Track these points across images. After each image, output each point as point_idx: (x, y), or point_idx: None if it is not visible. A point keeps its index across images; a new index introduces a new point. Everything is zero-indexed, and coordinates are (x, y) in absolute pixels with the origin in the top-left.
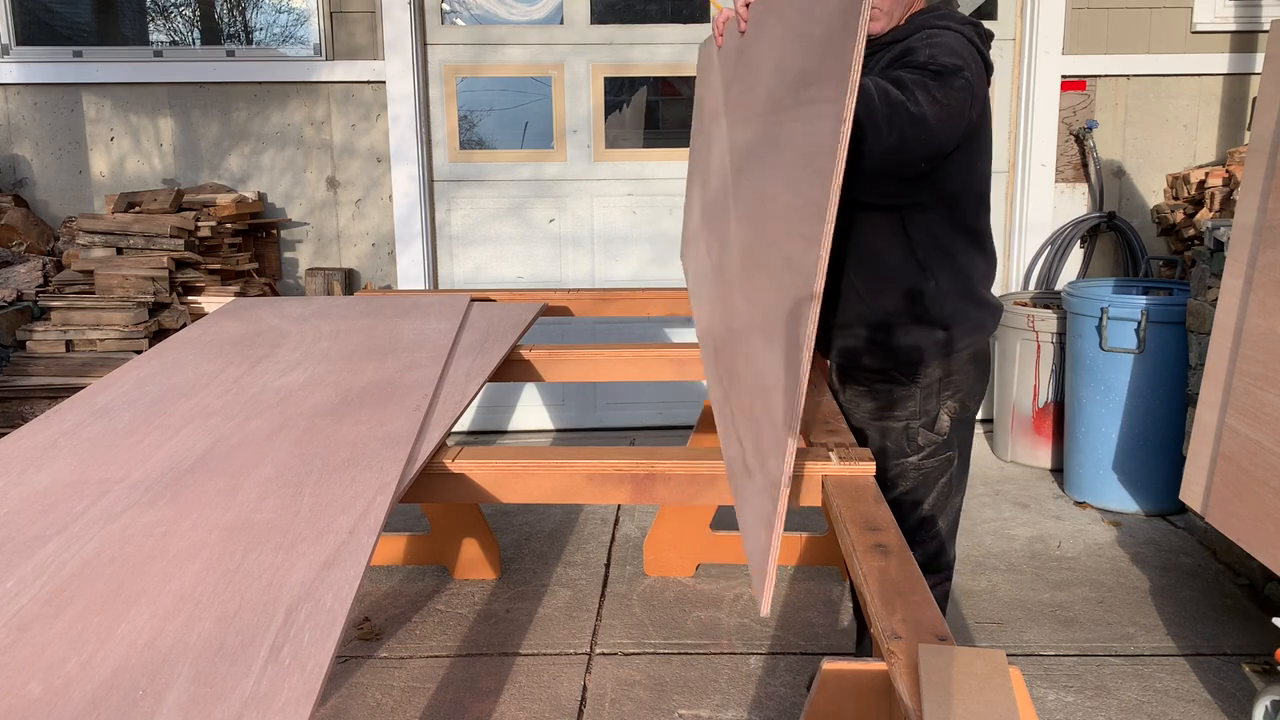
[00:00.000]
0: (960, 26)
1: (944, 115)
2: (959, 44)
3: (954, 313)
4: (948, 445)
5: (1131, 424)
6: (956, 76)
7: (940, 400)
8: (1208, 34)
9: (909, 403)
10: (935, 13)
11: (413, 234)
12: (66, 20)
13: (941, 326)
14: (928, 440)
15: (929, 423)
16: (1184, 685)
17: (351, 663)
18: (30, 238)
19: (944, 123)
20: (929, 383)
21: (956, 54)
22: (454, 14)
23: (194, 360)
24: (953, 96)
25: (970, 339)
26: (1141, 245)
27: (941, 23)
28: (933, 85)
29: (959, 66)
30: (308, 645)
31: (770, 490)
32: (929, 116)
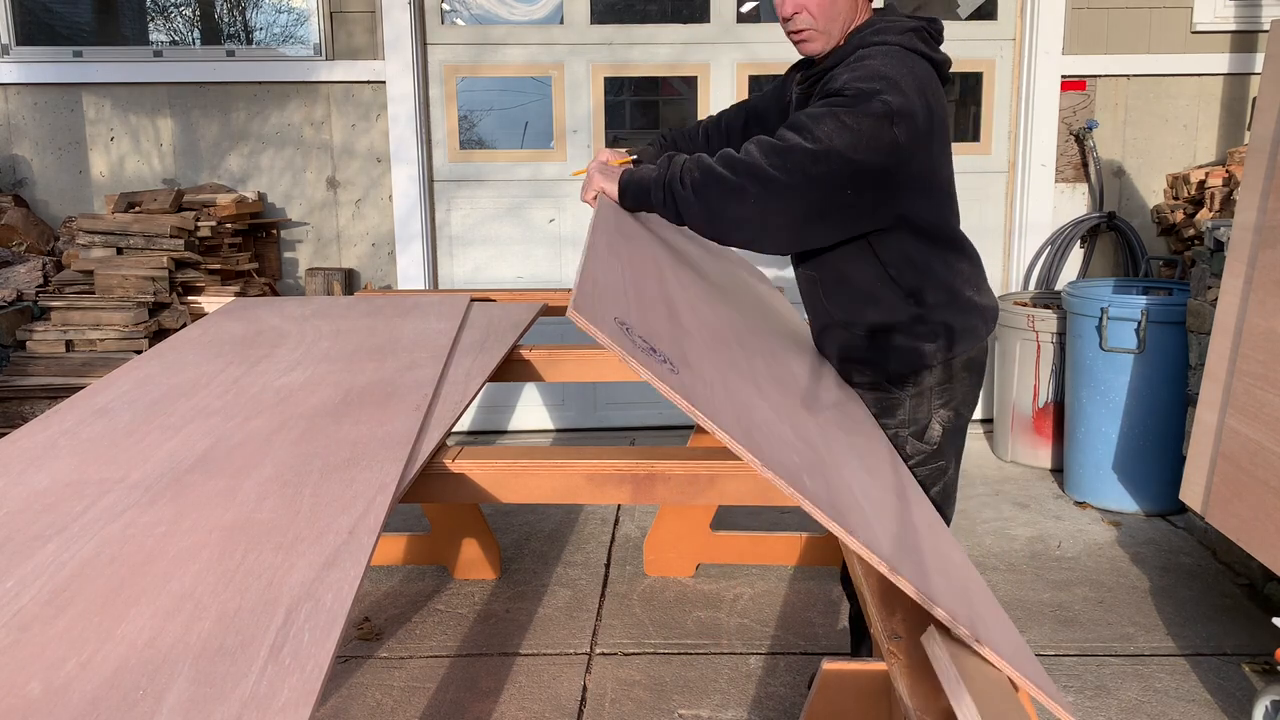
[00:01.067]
0: (898, 38)
1: (853, 140)
2: (886, 64)
3: (944, 325)
4: (939, 455)
5: (1131, 424)
6: (871, 100)
7: (932, 409)
8: (1208, 34)
9: (898, 410)
10: (872, 28)
11: (412, 234)
12: (66, 20)
13: (931, 339)
14: (916, 450)
15: (918, 431)
16: (1184, 685)
17: (351, 663)
18: (30, 238)
19: (855, 147)
20: (919, 391)
21: (876, 76)
22: (454, 14)
23: (194, 360)
24: (864, 120)
25: (964, 345)
26: (1141, 245)
27: (877, 39)
28: (842, 112)
29: (874, 90)
30: (308, 645)
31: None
32: (831, 149)
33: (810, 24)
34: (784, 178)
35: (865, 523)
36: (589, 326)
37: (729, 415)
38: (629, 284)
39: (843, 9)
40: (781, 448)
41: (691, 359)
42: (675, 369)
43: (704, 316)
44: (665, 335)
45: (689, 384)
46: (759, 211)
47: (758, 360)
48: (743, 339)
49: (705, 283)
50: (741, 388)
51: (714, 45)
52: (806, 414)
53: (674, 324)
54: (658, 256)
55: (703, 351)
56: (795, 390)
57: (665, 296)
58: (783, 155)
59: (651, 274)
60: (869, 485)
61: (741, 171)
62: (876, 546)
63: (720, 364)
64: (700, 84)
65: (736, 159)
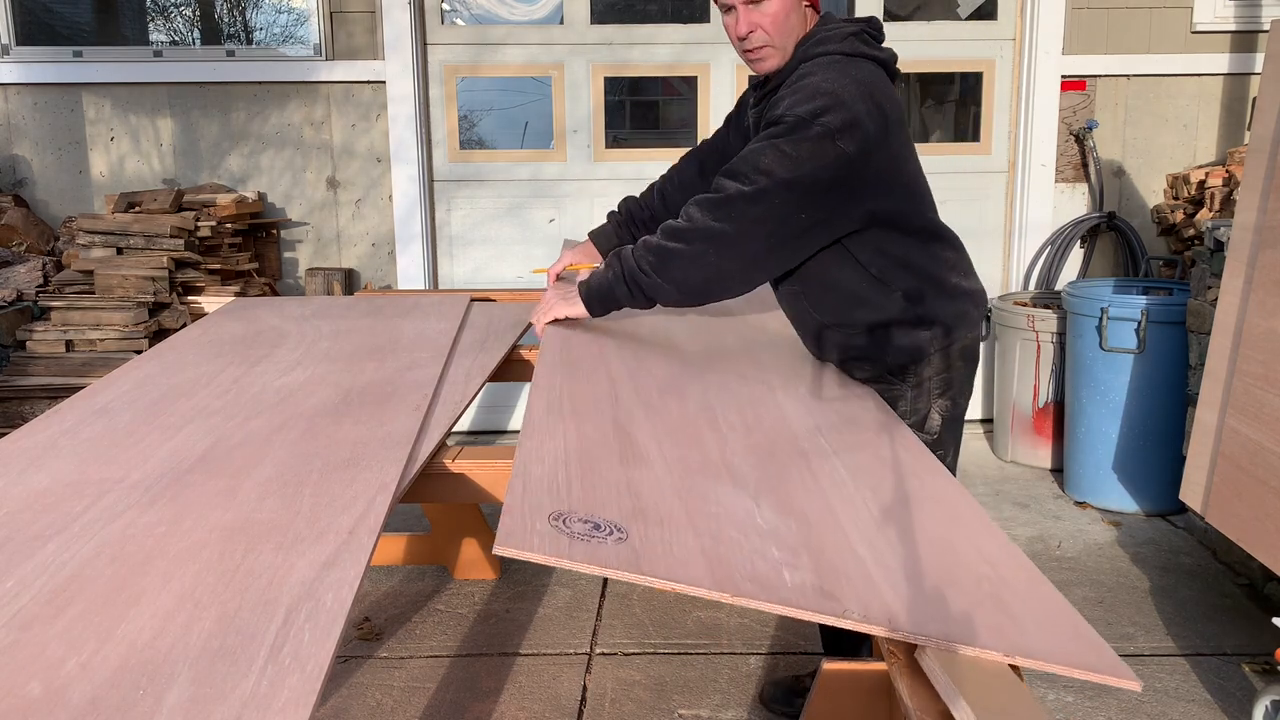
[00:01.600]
0: (839, 46)
1: (793, 165)
2: (826, 77)
3: (932, 313)
4: (939, 444)
5: (1131, 424)
6: (810, 126)
7: (931, 399)
8: (1208, 34)
9: (899, 403)
10: (814, 40)
11: (412, 234)
12: (66, 20)
13: (926, 328)
14: None
15: (919, 422)
16: (1184, 685)
17: (351, 663)
18: (30, 238)
19: (795, 171)
20: (919, 381)
21: (816, 94)
22: (454, 14)
23: (194, 360)
24: (802, 146)
25: (958, 332)
26: (1141, 245)
27: (819, 50)
28: (781, 141)
29: (814, 113)
30: (308, 645)
31: None
32: (768, 185)
33: (766, 41)
34: (730, 228)
35: (859, 592)
36: (519, 554)
37: (692, 563)
38: (572, 445)
39: (795, 23)
40: (756, 559)
41: (648, 498)
42: (624, 535)
43: (668, 415)
44: (616, 485)
45: (639, 550)
46: (722, 266)
47: (731, 412)
48: (712, 404)
49: (671, 361)
50: (709, 488)
51: (714, 45)
52: (788, 455)
53: (628, 460)
54: (612, 371)
55: (663, 472)
56: (776, 426)
57: (619, 425)
58: (722, 207)
59: (605, 399)
60: (861, 503)
61: (691, 238)
62: (874, 617)
63: (686, 470)
64: (700, 84)
65: (681, 228)
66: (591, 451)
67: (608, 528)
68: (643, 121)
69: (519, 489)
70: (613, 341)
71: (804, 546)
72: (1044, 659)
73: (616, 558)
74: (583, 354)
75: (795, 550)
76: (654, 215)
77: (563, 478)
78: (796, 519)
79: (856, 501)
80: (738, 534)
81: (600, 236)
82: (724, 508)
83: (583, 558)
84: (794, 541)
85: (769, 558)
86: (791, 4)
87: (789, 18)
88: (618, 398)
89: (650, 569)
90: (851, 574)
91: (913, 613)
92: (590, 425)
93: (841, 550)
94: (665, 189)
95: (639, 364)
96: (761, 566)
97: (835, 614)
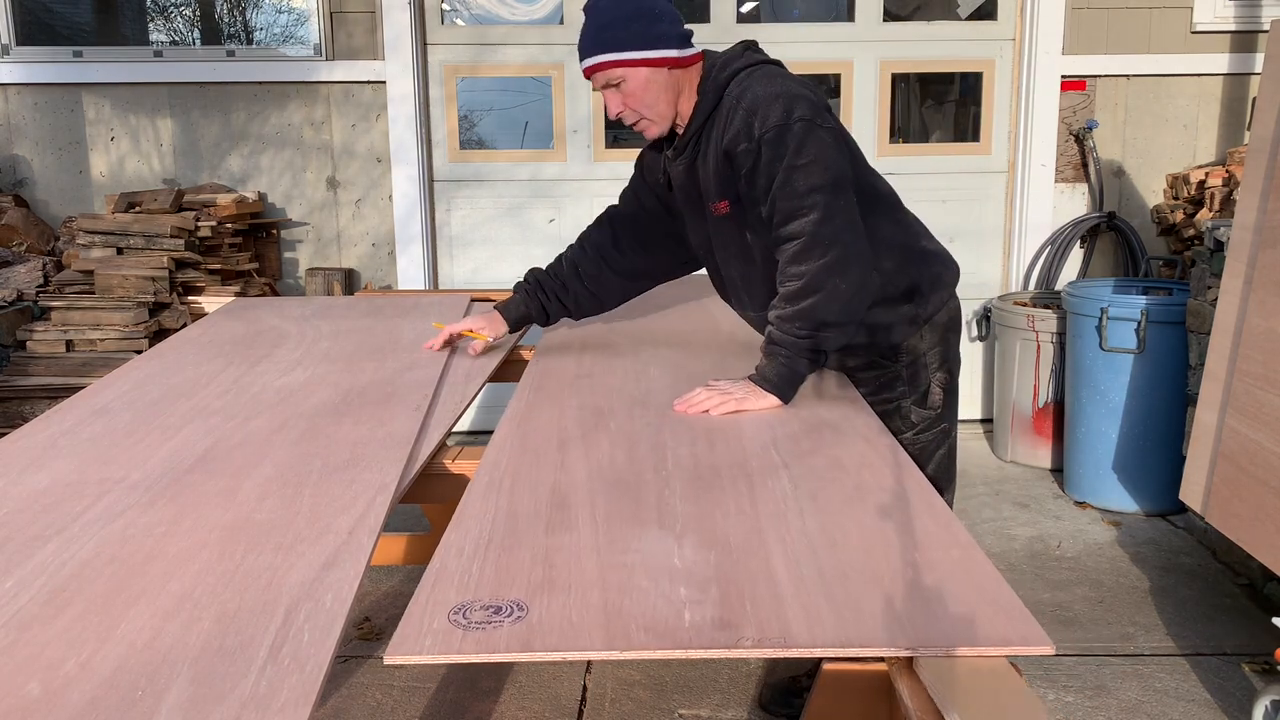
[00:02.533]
0: (741, 61)
1: (822, 167)
2: (761, 87)
3: (910, 282)
4: (942, 417)
5: (1131, 424)
6: (790, 125)
7: (929, 373)
8: (1208, 34)
9: (897, 384)
10: (716, 68)
11: (412, 234)
12: (66, 20)
13: (904, 300)
14: (921, 417)
15: (920, 398)
16: (1184, 685)
17: (351, 663)
18: (30, 238)
19: (828, 169)
20: (913, 358)
21: (771, 100)
22: (454, 14)
23: (194, 360)
24: (809, 147)
25: (935, 297)
26: (1141, 245)
27: (726, 73)
28: (790, 160)
29: (784, 115)
30: (307, 645)
31: None
32: (824, 198)
33: (637, 116)
34: (835, 253)
35: (762, 615)
36: (409, 660)
37: (588, 626)
38: (499, 525)
39: (662, 88)
40: (660, 604)
41: (561, 565)
42: (523, 612)
43: (614, 468)
44: (534, 558)
45: (535, 625)
46: (853, 282)
47: (683, 446)
48: (665, 442)
49: (633, 405)
50: (632, 538)
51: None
52: (731, 480)
53: (554, 528)
54: (566, 430)
55: (587, 533)
56: (728, 451)
57: (557, 491)
58: (816, 245)
59: (550, 465)
60: (796, 514)
61: (816, 284)
62: (769, 639)
63: (614, 524)
64: None
65: (801, 286)
66: (517, 527)
67: (509, 608)
68: None
69: (428, 586)
70: (576, 399)
71: (714, 579)
72: (948, 644)
73: (509, 640)
74: (540, 421)
75: (704, 585)
76: (565, 284)
77: (478, 566)
78: (718, 549)
79: (790, 513)
80: (647, 581)
81: (508, 307)
82: (642, 555)
83: (474, 649)
84: (706, 575)
85: (674, 600)
86: (647, 76)
87: (649, 90)
88: (563, 463)
89: (542, 643)
90: (759, 596)
91: (812, 626)
92: (525, 497)
93: (755, 573)
94: (576, 258)
95: (598, 420)
96: (663, 612)
97: (728, 645)
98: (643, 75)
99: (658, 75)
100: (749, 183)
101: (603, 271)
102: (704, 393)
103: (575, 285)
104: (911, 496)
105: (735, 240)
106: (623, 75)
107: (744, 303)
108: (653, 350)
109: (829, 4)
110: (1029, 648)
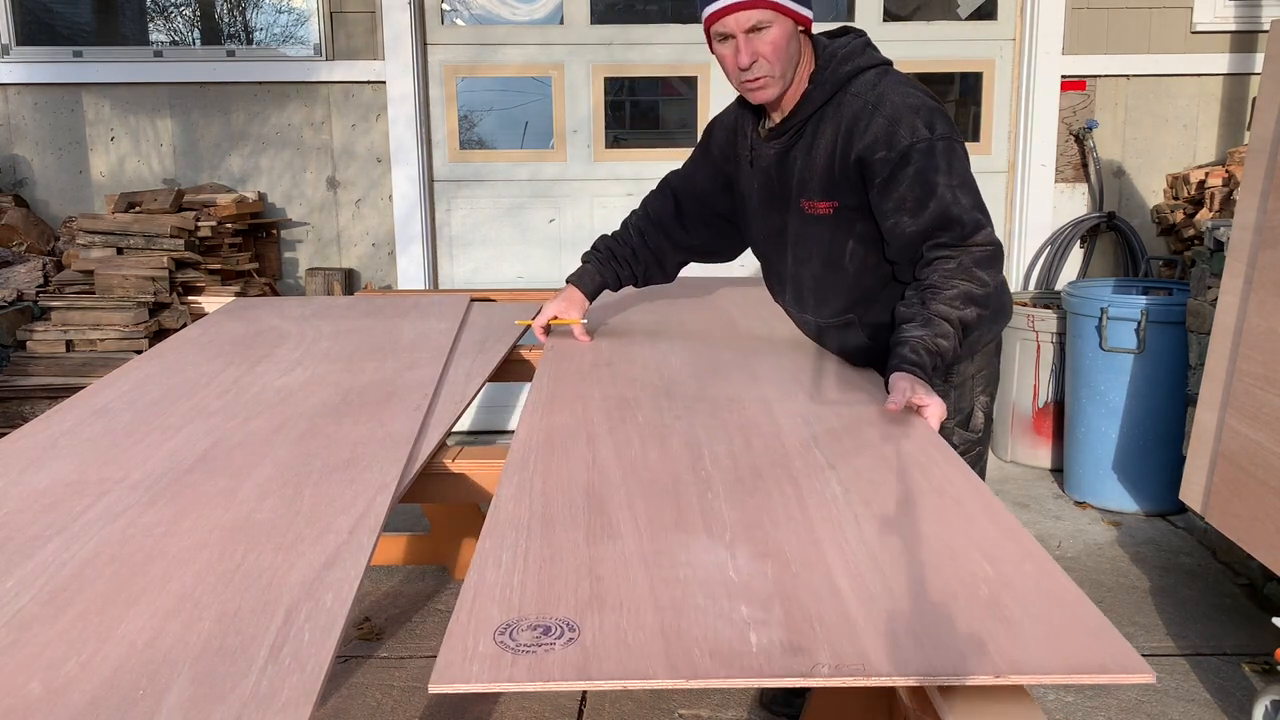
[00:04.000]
0: (864, 59)
1: (968, 186)
2: (897, 94)
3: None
4: (981, 440)
5: (1131, 424)
6: (934, 142)
7: (974, 396)
8: (1208, 34)
9: (945, 402)
10: (837, 59)
11: (412, 234)
12: (66, 20)
13: None
14: (963, 439)
15: (964, 420)
16: (1184, 685)
17: (351, 663)
18: (30, 238)
19: (972, 187)
20: (963, 379)
21: (908, 111)
22: (454, 14)
23: (194, 360)
24: (955, 165)
25: (995, 328)
26: (1141, 245)
27: (847, 67)
28: (942, 177)
29: (926, 127)
30: (308, 645)
31: None
32: (979, 205)
33: (767, 70)
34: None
35: (833, 638)
36: (456, 688)
37: (648, 650)
38: (535, 533)
39: (794, 51)
40: (721, 625)
41: (610, 579)
42: (575, 633)
43: (648, 467)
44: (578, 569)
45: (590, 649)
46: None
47: (719, 443)
48: (699, 439)
49: (658, 397)
50: (680, 547)
51: None
52: (776, 482)
53: (595, 535)
54: (593, 427)
55: (631, 541)
56: (767, 449)
57: (592, 493)
58: (995, 258)
59: (580, 465)
60: (851, 521)
61: (988, 291)
62: (848, 667)
63: (658, 530)
64: (700, 84)
65: (983, 292)
66: (555, 536)
67: (559, 629)
68: (642, 122)
69: (468, 602)
70: (598, 390)
71: (776, 595)
72: (1041, 672)
73: (563, 667)
74: (564, 414)
75: (766, 602)
76: (634, 251)
77: (518, 579)
78: (774, 560)
79: (845, 521)
80: (704, 599)
81: (582, 279)
82: (694, 568)
83: (526, 675)
84: (766, 591)
85: (736, 620)
86: (791, 31)
87: (789, 45)
88: (594, 460)
89: (599, 670)
90: (827, 618)
91: (893, 652)
92: (559, 502)
93: (819, 590)
94: (642, 226)
95: (624, 412)
96: (726, 634)
97: (803, 673)
98: (789, 27)
99: (796, 34)
100: (883, 193)
101: (663, 242)
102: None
103: (644, 254)
104: (969, 501)
105: (826, 243)
106: (772, 20)
107: (806, 305)
108: (669, 341)
109: (829, 4)
110: (1129, 676)
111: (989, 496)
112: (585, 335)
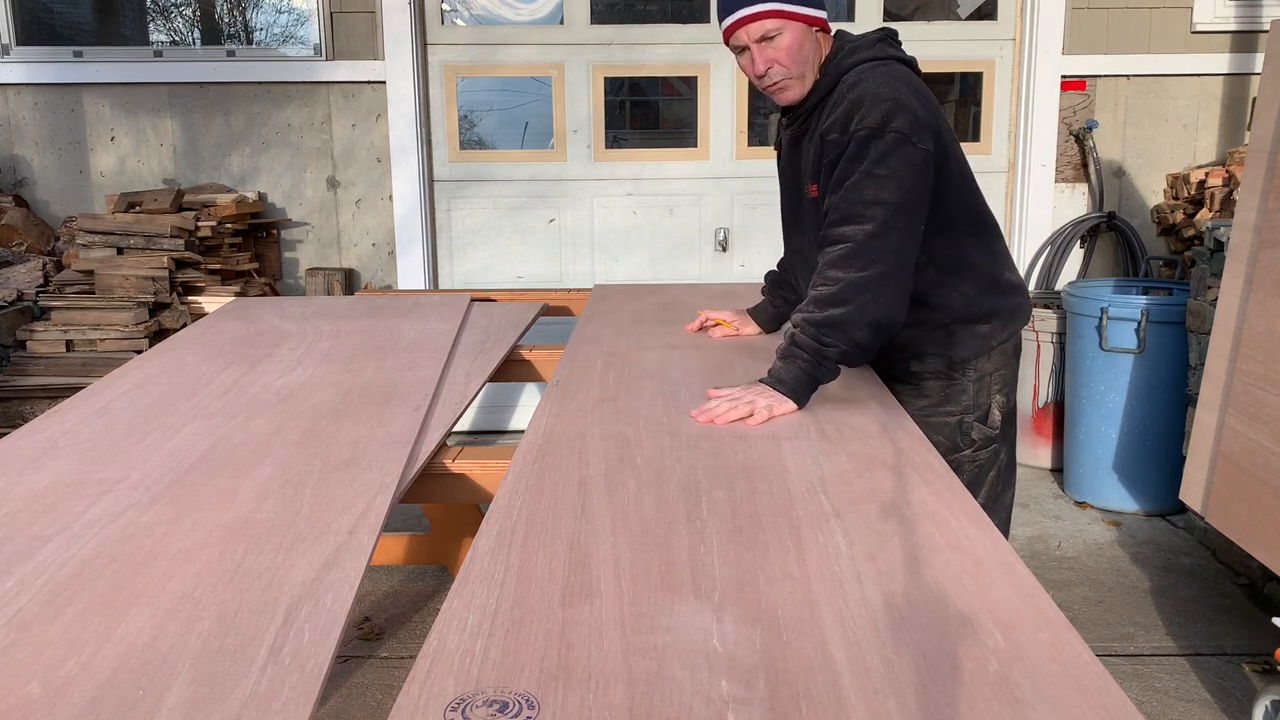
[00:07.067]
0: (871, 52)
1: (896, 184)
2: (876, 84)
3: (990, 309)
4: (998, 438)
5: (1131, 424)
6: (884, 135)
7: (991, 393)
8: (1208, 34)
9: (962, 396)
10: (843, 52)
11: (413, 234)
12: (67, 20)
13: (983, 321)
14: (981, 434)
15: (982, 416)
16: (1184, 685)
17: (351, 663)
18: (30, 238)
19: (900, 190)
20: (980, 375)
21: (876, 100)
22: (454, 14)
23: (194, 360)
24: (891, 160)
25: (1011, 327)
26: (1141, 245)
27: (851, 60)
28: (870, 166)
29: (883, 122)
30: (308, 645)
31: None
32: (888, 215)
33: (785, 74)
34: (877, 270)
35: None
36: None
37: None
38: (508, 591)
39: (810, 51)
40: (697, 704)
41: (581, 645)
42: (533, 711)
43: (641, 514)
44: (548, 634)
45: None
46: (886, 303)
47: (719, 488)
48: (699, 482)
49: (661, 434)
50: (663, 610)
51: (714, 45)
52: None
53: (571, 596)
54: (589, 468)
55: (611, 601)
56: (771, 494)
57: (576, 545)
58: (859, 255)
59: (568, 511)
60: (854, 578)
61: (847, 295)
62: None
63: (642, 589)
64: (700, 84)
65: (832, 292)
66: (529, 595)
67: (516, 705)
68: (643, 122)
69: (421, 673)
70: (599, 428)
71: (762, 668)
72: None
73: None
74: (558, 455)
75: (750, 676)
76: (783, 279)
77: (481, 645)
78: (764, 626)
79: (847, 579)
80: (682, 670)
81: (758, 310)
82: (675, 634)
83: None
84: (752, 662)
85: (714, 698)
86: (804, 33)
87: (803, 47)
88: (583, 509)
89: None
90: (816, 695)
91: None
92: (540, 555)
93: (810, 661)
94: (785, 258)
95: (623, 452)
96: (702, 714)
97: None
98: (800, 30)
99: (810, 34)
100: (828, 174)
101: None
102: (719, 404)
103: (789, 280)
104: (986, 558)
105: (818, 226)
106: (781, 27)
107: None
108: (682, 370)
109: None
110: None
111: (1008, 553)
112: (715, 335)
